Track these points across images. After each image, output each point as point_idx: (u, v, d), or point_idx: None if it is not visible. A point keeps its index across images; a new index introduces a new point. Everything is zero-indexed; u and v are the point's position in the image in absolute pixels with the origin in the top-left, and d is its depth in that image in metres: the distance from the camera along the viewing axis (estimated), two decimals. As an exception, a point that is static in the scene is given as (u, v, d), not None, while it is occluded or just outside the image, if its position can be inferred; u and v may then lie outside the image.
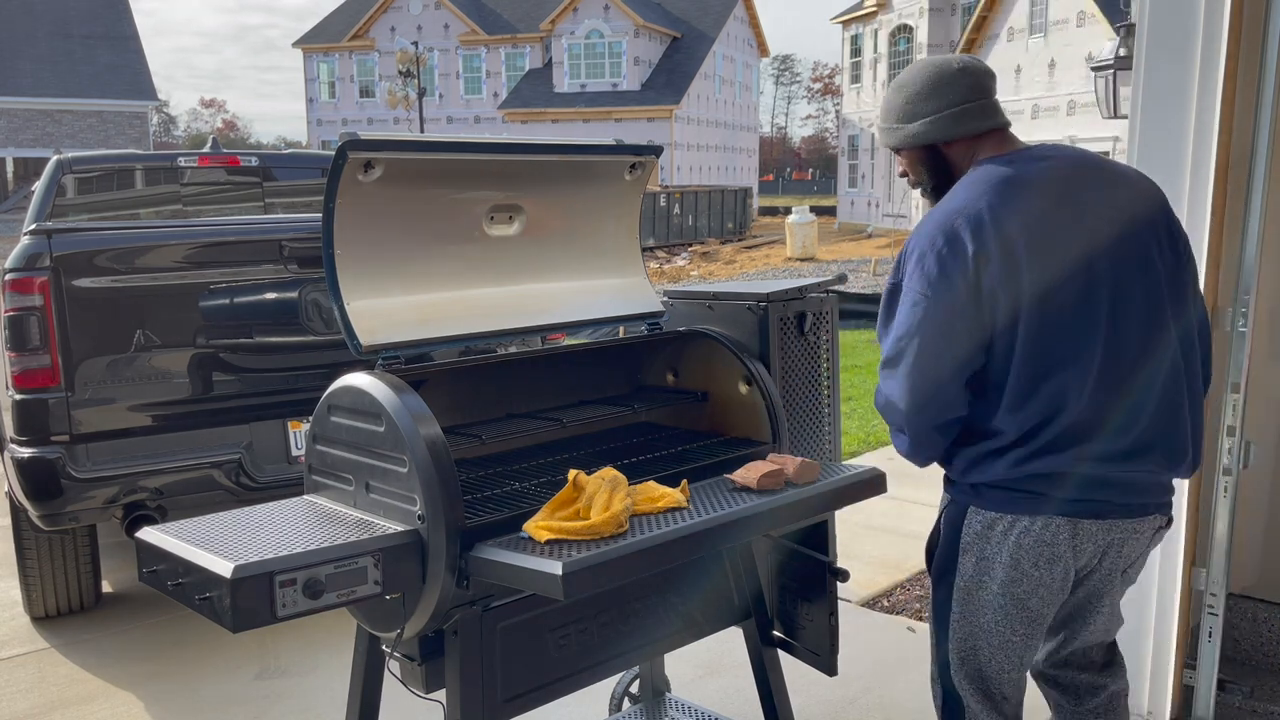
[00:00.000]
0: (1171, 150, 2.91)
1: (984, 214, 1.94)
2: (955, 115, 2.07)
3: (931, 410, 1.99)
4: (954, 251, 1.93)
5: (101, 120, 33.69)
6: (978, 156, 2.08)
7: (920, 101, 2.09)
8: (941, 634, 2.20)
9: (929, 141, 2.10)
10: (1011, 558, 2.04)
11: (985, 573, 2.08)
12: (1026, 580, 2.05)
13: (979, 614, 2.12)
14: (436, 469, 1.94)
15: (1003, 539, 2.04)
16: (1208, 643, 3.04)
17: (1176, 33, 2.86)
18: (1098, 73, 7.17)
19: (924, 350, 1.95)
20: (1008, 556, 2.04)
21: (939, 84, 2.08)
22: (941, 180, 2.14)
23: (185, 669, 3.88)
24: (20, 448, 3.66)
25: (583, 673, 2.40)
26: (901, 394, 1.99)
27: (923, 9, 30.23)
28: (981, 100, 2.07)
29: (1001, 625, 2.10)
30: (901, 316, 1.98)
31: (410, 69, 30.36)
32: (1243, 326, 2.90)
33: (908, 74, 2.15)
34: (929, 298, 1.94)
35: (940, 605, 2.19)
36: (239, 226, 4.16)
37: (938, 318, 1.94)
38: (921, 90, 2.09)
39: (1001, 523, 2.04)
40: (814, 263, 24.68)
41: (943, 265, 1.93)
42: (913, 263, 1.97)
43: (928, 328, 1.94)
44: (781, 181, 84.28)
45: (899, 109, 2.14)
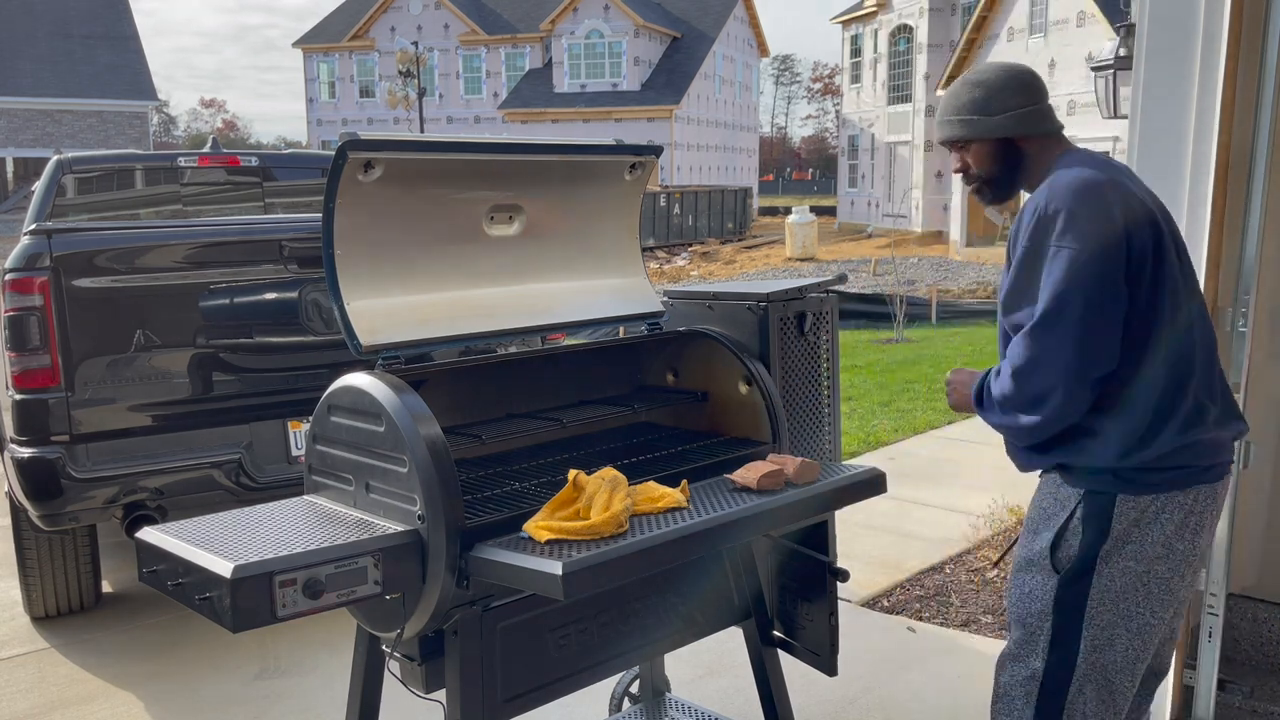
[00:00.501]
0: (1171, 150, 2.90)
1: (1119, 181, 2.07)
2: (1040, 111, 2.20)
3: (1099, 362, 2.01)
4: (1104, 211, 2.00)
5: (101, 120, 33.69)
6: (1052, 153, 2.20)
7: (1005, 96, 2.19)
8: (1070, 633, 2.13)
9: (1009, 134, 2.19)
10: (1164, 536, 2.07)
11: (1136, 557, 2.08)
12: (1174, 556, 2.08)
13: (1123, 601, 2.09)
14: (436, 469, 1.94)
15: (1154, 520, 2.06)
16: (1208, 643, 3.04)
17: (1176, 33, 2.85)
18: (1098, 73, 7.16)
19: (1091, 302, 1.97)
20: (1160, 536, 2.07)
21: (1020, 82, 2.20)
22: (1009, 174, 2.24)
23: (185, 669, 3.88)
24: (20, 448, 3.66)
25: (583, 673, 2.40)
26: (1070, 347, 1.99)
27: (923, 9, 30.20)
28: (1049, 103, 2.23)
29: (1144, 608, 2.10)
30: (1058, 273, 1.99)
31: (410, 69, 30.35)
32: (1243, 326, 2.90)
33: (982, 73, 2.25)
34: (1091, 252, 1.97)
35: (1075, 601, 2.12)
36: (239, 226, 4.16)
37: (1098, 271, 1.98)
38: (1005, 86, 2.20)
39: (1155, 504, 2.06)
40: (814, 263, 24.68)
41: (1097, 222, 1.99)
42: (1061, 222, 2.00)
43: (1090, 281, 1.97)
44: (781, 181, 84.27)
45: (978, 102, 2.21)
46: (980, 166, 2.25)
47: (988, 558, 4.82)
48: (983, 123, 2.20)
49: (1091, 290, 1.98)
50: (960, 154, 2.28)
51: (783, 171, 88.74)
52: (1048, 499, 2.18)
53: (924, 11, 30.15)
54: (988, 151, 2.23)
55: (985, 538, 5.08)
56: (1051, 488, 2.18)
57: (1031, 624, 2.17)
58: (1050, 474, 2.19)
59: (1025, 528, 2.24)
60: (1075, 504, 2.12)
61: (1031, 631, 2.17)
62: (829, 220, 38.39)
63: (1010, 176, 2.24)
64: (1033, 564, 2.18)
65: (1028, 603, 2.18)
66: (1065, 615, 2.14)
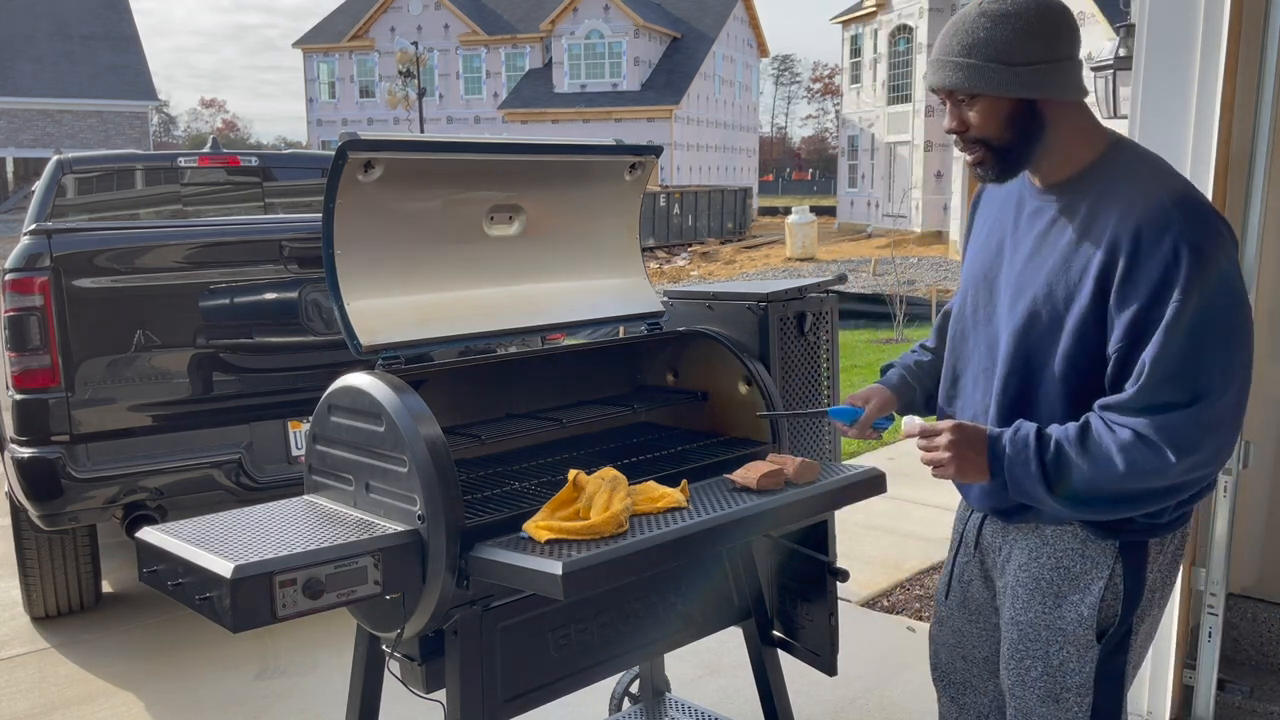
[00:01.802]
0: (1172, 150, 2.90)
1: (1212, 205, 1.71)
2: (1074, 69, 1.71)
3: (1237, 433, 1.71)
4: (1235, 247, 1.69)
5: (101, 120, 33.70)
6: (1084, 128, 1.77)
7: (1034, 40, 1.67)
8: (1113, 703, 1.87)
9: (1034, 95, 1.70)
10: (1170, 569, 1.89)
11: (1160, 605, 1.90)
12: (1172, 585, 1.91)
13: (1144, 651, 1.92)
14: (436, 469, 1.94)
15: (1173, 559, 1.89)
16: (1208, 643, 3.04)
17: (1176, 33, 2.85)
18: (1098, 73, 7.16)
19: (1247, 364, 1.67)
20: (1178, 572, 1.91)
21: (1058, 23, 1.69)
22: (1023, 146, 1.76)
23: (185, 669, 3.88)
24: (20, 448, 3.66)
25: (583, 673, 2.40)
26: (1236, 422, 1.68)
27: (923, 9, 30.21)
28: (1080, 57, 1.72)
29: (1148, 648, 1.94)
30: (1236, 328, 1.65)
31: (410, 69, 30.35)
32: (1243, 326, 2.90)
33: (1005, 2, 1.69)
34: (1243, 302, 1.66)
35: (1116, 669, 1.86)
36: (239, 226, 4.16)
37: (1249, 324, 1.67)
38: (1037, 27, 1.67)
39: (1174, 540, 1.87)
40: (814, 263, 24.68)
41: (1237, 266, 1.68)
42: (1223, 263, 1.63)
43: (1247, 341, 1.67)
44: (781, 181, 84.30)
45: (999, 43, 1.68)
46: (986, 130, 1.74)
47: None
48: (999, 74, 1.68)
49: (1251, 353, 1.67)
50: (958, 108, 1.76)
51: (783, 171, 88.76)
52: (1070, 558, 1.84)
53: (924, 11, 30.15)
54: (1000, 112, 1.72)
55: (985, 538, 5.07)
56: (1072, 543, 1.84)
57: (1068, 699, 1.86)
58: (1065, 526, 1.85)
59: (1034, 588, 1.89)
60: (1113, 560, 1.81)
61: (1068, 706, 1.87)
62: (829, 220, 38.41)
63: (1025, 149, 1.76)
64: (1063, 634, 1.85)
65: (1061, 676, 1.86)
66: (1108, 686, 1.85)
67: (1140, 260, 1.64)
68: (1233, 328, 1.64)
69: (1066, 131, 1.76)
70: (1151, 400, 1.65)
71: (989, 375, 1.91)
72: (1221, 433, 1.66)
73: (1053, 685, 1.87)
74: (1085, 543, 1.83)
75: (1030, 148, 1.76)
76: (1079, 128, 1.77)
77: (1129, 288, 1.66)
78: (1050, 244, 1.80)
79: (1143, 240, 1.65)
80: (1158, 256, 1.63)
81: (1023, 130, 1.74)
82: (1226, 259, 1.64)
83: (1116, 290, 1.68)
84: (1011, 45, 1.68)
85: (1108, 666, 1.84)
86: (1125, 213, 1.69)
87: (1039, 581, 1.88)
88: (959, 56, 1.71)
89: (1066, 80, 1.71)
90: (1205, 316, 1.62)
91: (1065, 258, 1.76)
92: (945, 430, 1.79)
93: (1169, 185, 1.70)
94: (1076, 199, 1.77)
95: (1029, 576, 1.90)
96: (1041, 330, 1.80)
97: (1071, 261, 1.75)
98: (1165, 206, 1.66)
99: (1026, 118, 1.73)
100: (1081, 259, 1.73)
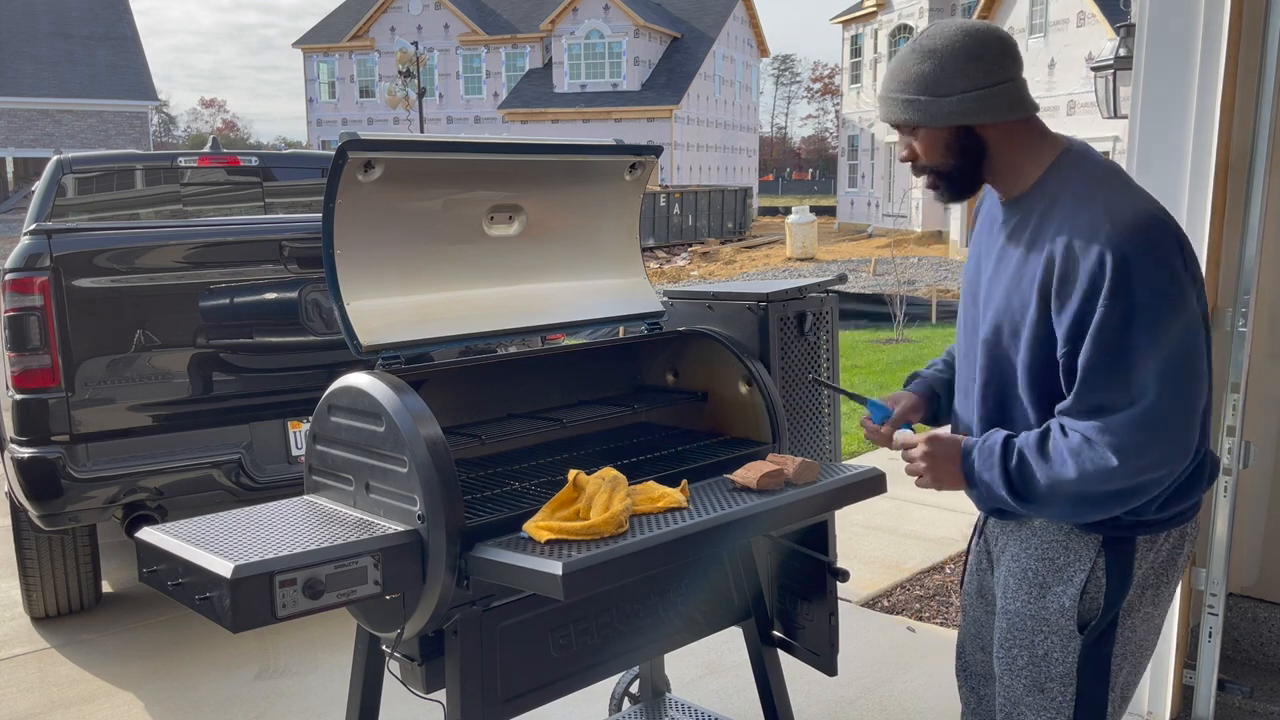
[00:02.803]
0: (1171, 150, 2.90)
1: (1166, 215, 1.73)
2: (1008, 91, 1.77)
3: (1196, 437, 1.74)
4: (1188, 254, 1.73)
5: (101, 120, 33.70)
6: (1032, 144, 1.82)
7: (960, 71, 1.76)
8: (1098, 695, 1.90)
9: (967, 121, 1.78)
10: (1177, 570, 1.91)
11: (1154, 602, 1.91)
12: (1170, 585, 1.92)
13: (1141, 649, 1.94)
14: (436, 469, 1.94)
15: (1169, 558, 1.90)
16: (1208, 643, 3.04)
17: (1176, 33, 2.85)
18: (1098, 73, 7.17)
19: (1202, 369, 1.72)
20: (1176, 573, 1.91)
21: (983, 52, 1.76)
22: (968, 168, 1.84)
23: (185, 669, 3.88)
24: (20, 448, 3.66)
25: (583, 673, 2.40)
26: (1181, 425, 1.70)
27: (923, 9, 30.21)
28: (1022, 78, 1.79)
29: (1151, 646, 1.95)
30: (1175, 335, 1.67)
31: (410, 69, 30.34)
32: (1243, 326, 2.90)
33: (934, 38, 1.79)
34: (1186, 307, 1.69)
35: (1100, 661, 1.89)
36: (239, 226, 4.16)
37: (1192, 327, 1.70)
38: (962, 58, 1.76)
39: (1168, 540, 1.88)
40: (814, 263, 24.67)
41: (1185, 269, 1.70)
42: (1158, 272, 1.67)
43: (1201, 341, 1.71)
44: (781, 181, 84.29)
45: (928, 78, 1.78)
46: (931, 158, 1.84)
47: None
48: (935, 105, 1.77)
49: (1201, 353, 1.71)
50: (907, 139, 1.86)
51: (783, 171, 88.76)
52: (1055, 550, 1.89)
53: (924, 11, 30.16)
54: (942, 140, 1.81)
55: (985, 538, 5.08)
56: (1057, 535, 1.89)
57: (1052, 689, 1.91)
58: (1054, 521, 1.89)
59: (1021, 579, 1.94)
60: (1095, 553, 1.84)
61: (1053, 696, 1.91)
62: (829, 220, 38.41)
63: (971, 172, 1.84)
64: (1047, 624, 1.89)
65: (1045, 666, 1.90)
66: (1091, 677, 1.89)
67: (1070, 269, 1.71)
68: (1165, 330, 1.67)
69: (1010, 150, 1.82)
70: (1090, 404, 1.71)
71: (973, 387, 1.97)
72: (1166, 436, 1.70)
73: (1038, 675, 1.92)
74: (1070, 535, 1.87)
75: (975, 170, 1.84)
76: (1023, 145, 1.83)
77: (1064, 296, 1.73)
78: (1008, 257, 1.87)
79: (1074, 249, 1.71)
80: (1086, 264, 1.69)
81: (964, 155, 1.83)
82: (1159, 265, 1.67)
83: (1054, 299, 1.75)
84: (941, 78, 1.77)
85: (1091, 657, 1.88)
86: (1061, 223, 1.75)
87: (1026, 572, 1.93)
88: (897, 93, 1.83)
89: (1000, 104, 1.78)
90: (1134, 320, 1.66)
91: (1018, 270, 1.83)
92: (920, 442, 1.91)
93: (1104, 193, 1.75)
94: (1028, 212, 1.84)
95: (1019, 567, 1.94)
96: (1006, 342, 1.86)
97: (1023, 273, 1.82)
98: (1096, 215, 1.71)
99: (965, 143, 1.81)
100: (1030, 271, 1.80)
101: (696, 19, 44.04)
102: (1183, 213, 2.86)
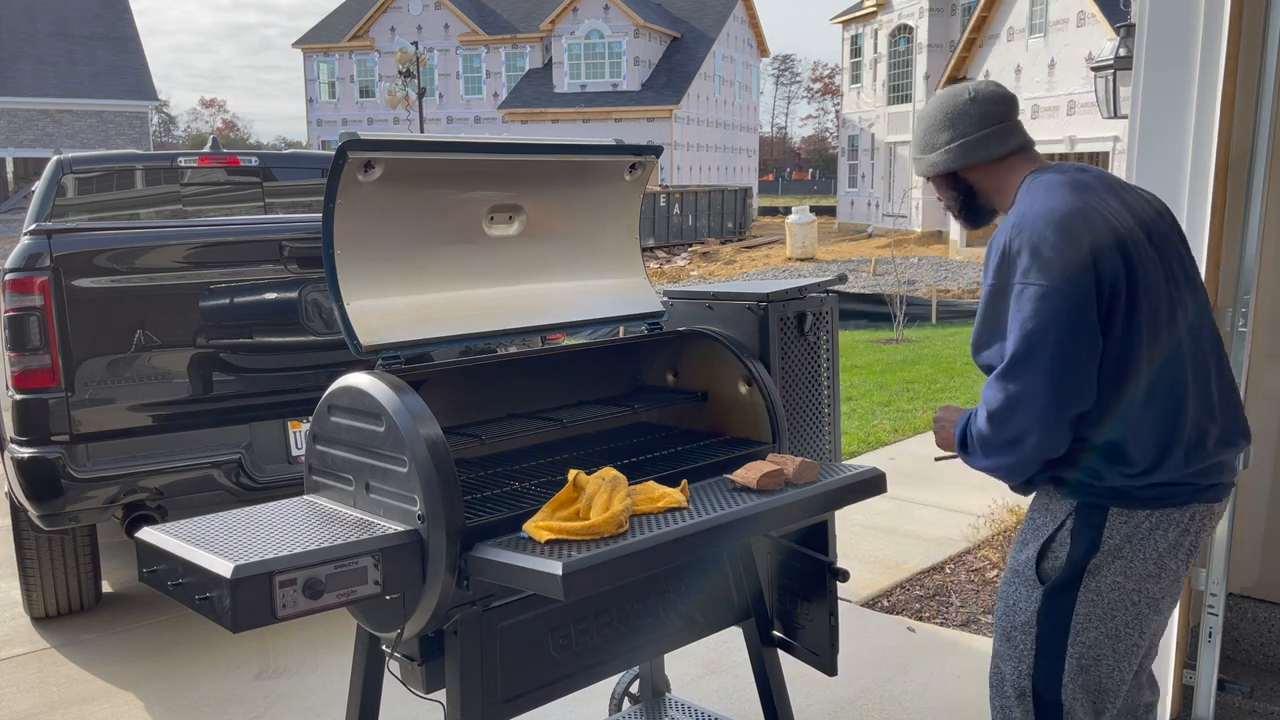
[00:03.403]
0: (1171, 150, 2.90)
1: (1089, 207, 2.00)
2: (967, 144, 2.18)
3: (1075, 401, 1.97)
4: (1070, 243, 1.95)
5: (101, 120, 33.70)
6: (1013, 175, 2.17)
7: (935, 133, 2.23)
8: (1054, 646, 2.09)
9: (949, 169, 2.22)
10: (1157, 553, 2.04)
11: (1125, 573, 2.05)
12: (1166, 575, 2.06)
13: (1110, 619, 2.07)
14: (436, 469, 1.94)
15: (1148, 536, 2.03)
16: (1208, 643, 3.04)
17: (1176, 33, 2.85)
18: (1098, 73, 7.17)
19: (1062, 340, 1.94)
20: (1153, 553, 2.04)
21: (951, 116, 2.20)
22: (968, 202, 2.25)
23: (185, 669, 3.88)
24: (20, 448, 3.66)
25: (583, 673, 2.40)
26: (1042, 388, 1.95)
27: (923, 9, 30.21)
28: (995, 126, 2.18)
29: (1132, 629, 2.07)
30: (1027, 311, 1.95)
31: (410, 69, 30.32)
32: (1243, 326, 2.90)
33: (927, 106, 2.31)
34: (1058, 289, 1.94)
35: (1059, 614, 2.09)
36: (239, 226, 4.16)
37: (1070, 306, 1.94)
38: (936, 123, 2.23)
39: (1150, 519, 2.03)
40: (814, 263, 24.67)
41: (1063, 256, 1.95)
42: (1025, 258, 1.97)
43: (1062, 317, 1.94)
44: (781, 181, 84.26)
45: (919, 140, 2.28)
46: (941, 196, 2.30)
47: (987, 558, 4.81)
48: (923, 160, 2.26)
49: (1062, 328, 1.94)
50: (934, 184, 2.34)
51: (783, 171, 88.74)
52: (1039, 511, 2.15)
53: (924, 11, 30.15)
54: (940, 184, 2.27)
55: (985, 538, 5.08)
56: (1045, 499, 2.14)
57: (1016, 636, 2.14)
58: (1044, 485, 2.14)
59: (1017, 538, 2.21)
60: (1066, 515, 2.08)
61: (1016, 644, 2.14)
62: (829, 220, 38.40)
63: (972, 205, 2.25)
64: (1018, 574, 2.15)
65: (1012, 614, 2.15)
66: (1048, 627, 2.09)
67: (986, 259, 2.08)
68: (1035, 310, 1.94)
69: (991, 185, 2.21)
70: (979, 363, 2.10)
71: None
72: (1023, 409, 1.97)
73: (1006, 624, 2.17)
74: (1051, 498, 2.13)
75: (973, 203, 2.25)
76: (1000, 180, 2.20)
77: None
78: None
79: (990, 249, 2.07)
80: (990, 252, 2.06)
81: (958, 194, 2.26)
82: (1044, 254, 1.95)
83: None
84: (925, 138, 2.26)
85: (1050, 611, 2.09)
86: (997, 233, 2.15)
87: (1021, 532, 2.21)
88: (912, 154, 2.34)
89: (973, 152, 2.18)
90: (1006, 296, 1.99)
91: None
92: (940, 408, 2.27)
93: (1024, 199, 2.08)
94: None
95: (1020, 530, 2.23)
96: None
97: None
98: (1008, 220, 2.07)
99: (955, 185, 2.25)
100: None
101: (696, 19, 44.03)
102: (1183, 213, 2.86)
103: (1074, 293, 1.93)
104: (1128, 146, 3.04)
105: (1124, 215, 2.03)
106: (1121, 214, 2.03)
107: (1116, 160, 20.41)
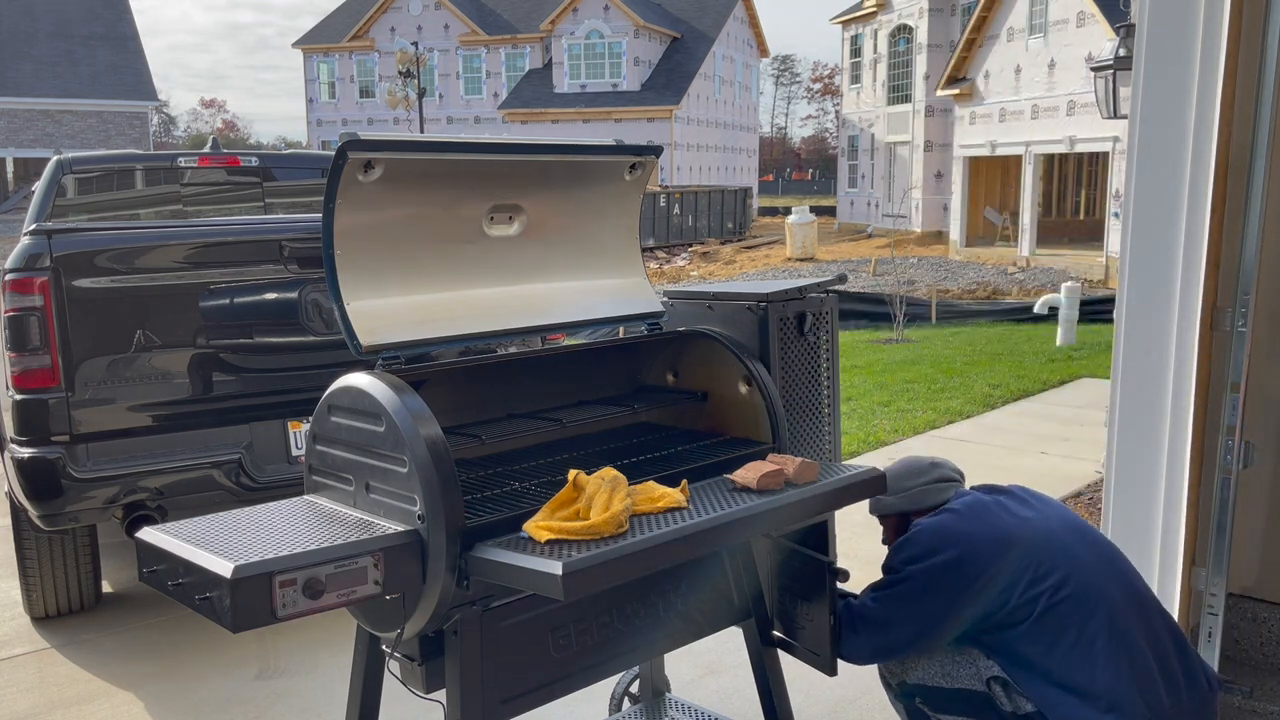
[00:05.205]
0: (1171, 150, 2.90)
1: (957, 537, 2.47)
2: (914, 495, 2.68)
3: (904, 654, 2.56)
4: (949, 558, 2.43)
5: (101, 120, 33.71)
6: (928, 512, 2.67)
7: (894, 482, 2.69)
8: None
9: (899, 510, 2.69)
10: None
11: None
12: None
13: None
14: (436, 469, 1.94)
15: None
16: (1208, 643, 3.04)
17: (1176, 33, 2.85)
18: (1098, 73, 7.16)
19: (926, 626, 2.46)
20: None
21: (908, 473, 2.70)
22: (902, 530, 2.71)
23: (185, 669, 3.88)
24: (20, 448, 3.66)
25: (583, 673, 2.40)
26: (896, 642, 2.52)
27: (923, 9, 30.20)
28: (940, 484, 2.67)
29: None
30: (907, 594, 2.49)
31: (410, 69, 30.32)
32: (1243, 326, 2.90)
33: (894, 465, 2.78)
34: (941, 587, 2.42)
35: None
36: (239, 226, 4.16)
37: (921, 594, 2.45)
38: (898, 475, 2.70)
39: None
40: (814, 263, 24.68)
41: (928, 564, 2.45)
42: (924, 558, 2.47)
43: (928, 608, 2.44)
44: (781, 182, 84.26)
45: (886, 495, 2.72)
46: (886, 529, 2.83)
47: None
48: (880, 502, 2.76)
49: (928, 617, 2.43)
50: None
51: (783, 171, 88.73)
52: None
53: (924, 11, 30.15)
54: (889, 524, 2.81)
55: (985, 538, 5.07)
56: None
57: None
58: None
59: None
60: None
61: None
62: (829, 220, 38.40)
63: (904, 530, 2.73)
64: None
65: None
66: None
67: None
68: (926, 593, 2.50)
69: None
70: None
71: None
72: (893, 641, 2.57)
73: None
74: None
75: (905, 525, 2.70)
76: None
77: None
78: None
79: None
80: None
81: (899, 530, 2.71)
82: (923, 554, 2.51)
83: None
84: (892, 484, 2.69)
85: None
86: None
87: None
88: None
89: (917, 498, 2.67)
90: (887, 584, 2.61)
91: None
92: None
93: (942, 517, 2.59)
94: None
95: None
96: None
97: None
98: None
99: (901, 524, 2.71)
100: None
101: (696, 19, 44.04)
102: (1183, 213, 2.87)
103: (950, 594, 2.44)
104: (1128, 146, 3.04)
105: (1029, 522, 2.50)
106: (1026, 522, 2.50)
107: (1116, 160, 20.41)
